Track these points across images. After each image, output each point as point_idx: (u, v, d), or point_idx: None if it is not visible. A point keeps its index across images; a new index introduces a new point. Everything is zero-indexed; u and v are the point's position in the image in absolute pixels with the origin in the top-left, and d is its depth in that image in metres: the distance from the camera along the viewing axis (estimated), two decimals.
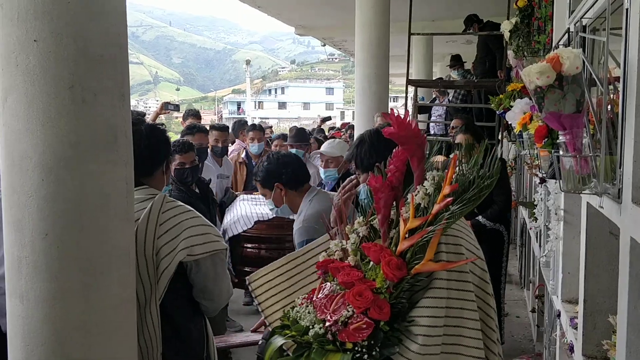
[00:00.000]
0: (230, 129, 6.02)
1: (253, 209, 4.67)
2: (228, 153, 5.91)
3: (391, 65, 7.14)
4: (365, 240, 1.59)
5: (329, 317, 1.44)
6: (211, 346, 2.31)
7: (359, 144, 2.22)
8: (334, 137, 8.38)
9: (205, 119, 11.33)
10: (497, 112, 3.42)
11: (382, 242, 1.55)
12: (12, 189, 1.68)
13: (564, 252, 2.74)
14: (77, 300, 1.70)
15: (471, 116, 7.21)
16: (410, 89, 8.26)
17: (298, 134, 5.84)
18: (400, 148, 1.59)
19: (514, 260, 6.82)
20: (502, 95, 3.26)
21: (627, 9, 1.46)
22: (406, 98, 8.03)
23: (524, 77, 1.60)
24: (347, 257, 1.59)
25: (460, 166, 1.54)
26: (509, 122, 2.94)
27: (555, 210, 2.84)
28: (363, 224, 1.62)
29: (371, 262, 1.52)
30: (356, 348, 1.40)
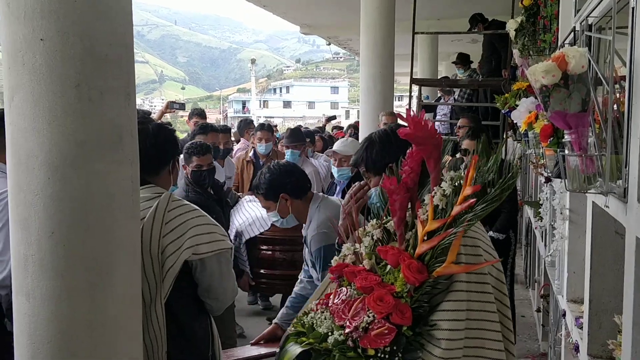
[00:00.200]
0: (236, 128, 6.00)
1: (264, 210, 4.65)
2: (232, 154, 5.90)
3: (396, 64, 7.12)
4: (379, 244, 1.55)
5: (348, 323, 1.40)
6: (216, 345, 2.32)
7: (367, 146, 2.08)
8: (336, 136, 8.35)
9: (210, 117, 11.36)
10: (503, 111, 3.41)
11: (399, 244, 1.50)
12: (19, 188, 1.69)
13: (569, 251, 2.73)
14: (83, 299, 1.70)
15: (477, 115, 7.19)
16: (415, 88, 8.24)
17: (293, 134, 5.77)
18: (414, 148, 1.53)
19: (519, 259, 6.80)
20: (507, 94, 3.25)
21: (633, 7, 1.46)
22: (410, 97, 8.02)
23: (530, 76, 1.59)
24: (359, 261, 1.54)
25: (480, 167, 1.48)
26: (515, 121, 2.93)
27: (561, 210, 2.83)
28: (377, 227, 1.58)
29: (388, 266, 1.48)
30: (379, 354, 1.36)
